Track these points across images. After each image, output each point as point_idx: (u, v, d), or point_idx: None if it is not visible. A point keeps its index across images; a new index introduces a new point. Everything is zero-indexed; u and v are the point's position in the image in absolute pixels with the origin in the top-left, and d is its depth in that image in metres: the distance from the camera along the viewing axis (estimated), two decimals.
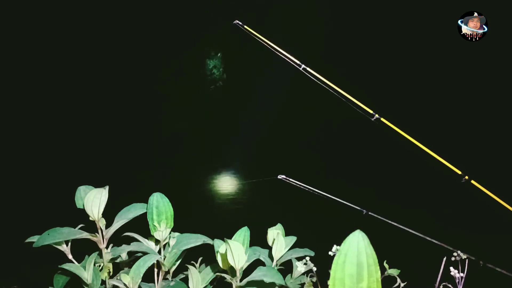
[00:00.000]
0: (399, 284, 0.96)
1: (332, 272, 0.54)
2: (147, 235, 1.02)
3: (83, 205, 0.95)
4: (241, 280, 0.96)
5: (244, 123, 4.11)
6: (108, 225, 0.99)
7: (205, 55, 4.47)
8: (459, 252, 0.96)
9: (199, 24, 4.61)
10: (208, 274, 1.07)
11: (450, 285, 0.93)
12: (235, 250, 0.91)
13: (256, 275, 0.95)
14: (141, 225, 1.01)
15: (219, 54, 3.13)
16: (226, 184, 3.24)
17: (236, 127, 4.10)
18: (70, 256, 1.00)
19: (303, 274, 1.09)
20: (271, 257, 1.05)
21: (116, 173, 3.42)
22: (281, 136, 3.89)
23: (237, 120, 4.16)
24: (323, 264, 0.84)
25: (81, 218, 0.98)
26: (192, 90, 4.34)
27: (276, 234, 1.04)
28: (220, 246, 1.00)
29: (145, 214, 1.01)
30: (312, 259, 1.00)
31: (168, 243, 1.00)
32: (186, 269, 1.04)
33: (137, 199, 1.06)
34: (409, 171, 3.22)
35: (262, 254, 1.07)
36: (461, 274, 0.90)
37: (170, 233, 1.00)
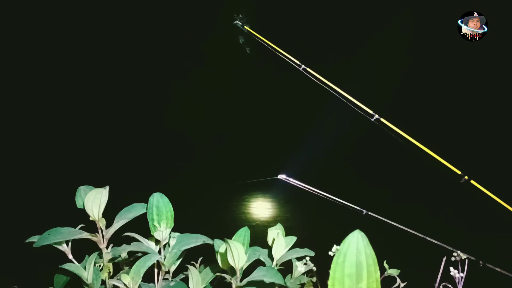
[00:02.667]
0: (399, 284, 0.96)
1: (331, 272, 0.54)
2: (147, 235, 1.02)
3: (83, 205, 0.95)
4: (241, 280, 0.96)
5: (244, 122, 4.12)
6: (108, 225, 1.00)
7: (205, 55, 4.47)
8: (459, 252, 0.96)
9: (198, 24, 4.62)
10: (208, 274, 1.07)
11: (450, 285, 0.93)
12: (235, 250, 0.92)
13: (256, 275, 0.95)
14: (141, 225, 1.01)
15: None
16: (226, 184, 3.24)
17: (237, 127, 4.10)
18: (70, 256, 1.00)
19: (303, 274, 1.09)
20: (271, 257, 1.05)
21: (116, 173, 3.42)
22: (281, 136, 3.89)
23: (237, 120, 4.16)
24: (323, 264, 0.84)
25: (81, 218, 0.98)
26: (192, 90, 4.35)
27: (276, 234, 1.04)
28: (220, 246, 1.00)
29: (145, 214, 1.01)
30: (312, 259, 1.00)
31: (168, 243, 1.01)
32: (186, 269, 1.04)
33: (137, 199, 1.06)
34: (409, 171, 3.22)
35: (262, 254, 1.07)
36: (461, 274, 0.90)
37: (170, 233, 1.01)
